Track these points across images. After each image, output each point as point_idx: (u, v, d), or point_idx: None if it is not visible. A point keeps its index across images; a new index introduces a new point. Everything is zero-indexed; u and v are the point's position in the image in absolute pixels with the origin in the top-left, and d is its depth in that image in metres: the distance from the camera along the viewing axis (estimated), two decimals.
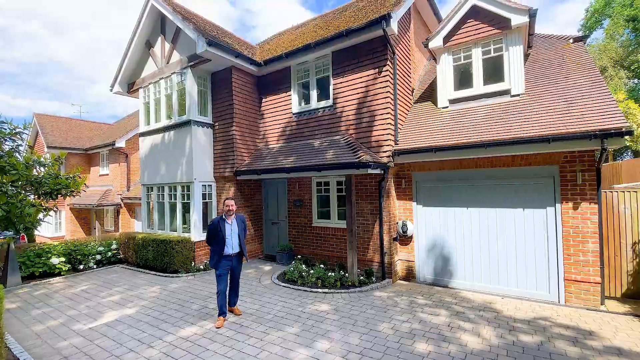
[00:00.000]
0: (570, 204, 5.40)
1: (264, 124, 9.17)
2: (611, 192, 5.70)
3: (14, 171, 5.65)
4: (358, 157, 6.21)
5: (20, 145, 6.50)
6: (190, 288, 6.73)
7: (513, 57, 6.47)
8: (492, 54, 6.76)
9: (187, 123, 8.43)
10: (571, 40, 7.30)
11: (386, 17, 6.43)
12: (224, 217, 4.94)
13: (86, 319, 5.26)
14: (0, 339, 3.11)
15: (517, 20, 6.28)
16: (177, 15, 8.20)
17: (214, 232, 4.82)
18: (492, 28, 6.64)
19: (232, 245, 4.89)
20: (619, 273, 5.60)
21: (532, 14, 6.23)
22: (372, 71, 7.10)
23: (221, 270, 4.86)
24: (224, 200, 5.03)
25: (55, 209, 6.76)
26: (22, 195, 5.77)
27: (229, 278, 5.08)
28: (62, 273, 8.17)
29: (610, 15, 21.61)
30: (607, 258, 5.64)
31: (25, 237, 15.28)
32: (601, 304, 5.20)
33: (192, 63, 8.30)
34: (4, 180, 5.70)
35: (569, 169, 5.43)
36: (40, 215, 6.43)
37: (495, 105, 6.54)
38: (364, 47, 7.22)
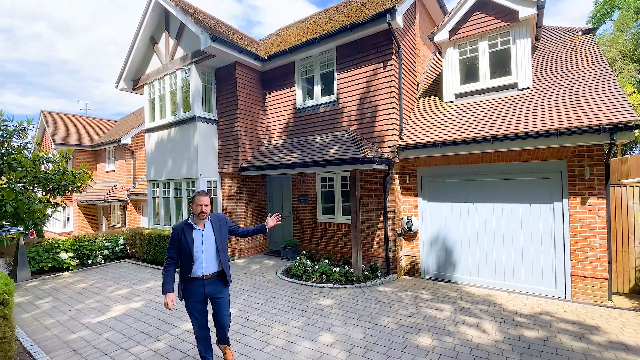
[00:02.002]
0: (578, 199, 5.34)
1: (268, 120, 9.16)
2: (620, 187, 5.62)
3: (21, 168, 5.73)
4: (363, 153, 6.19)
5: (29, 142, 6.58)
6: None
7: (520, 50, 6.36)
8: (499, 47, 6.66)
9: (192, 119, 8.46)
10: (580, 33, 7.16)
11: (391, 11, 6.35)
12: (190, 221, 3.27)
13: (94, 313, 5.35)
14: (12, 332, 3.17)
15: (525, 12, 6.17)
16: (180, 11, 8.19)
17: (175, 246, 3.22)
18: (499, 20, 6.54)
19: (203, 263, 3.20)
20: (626, 269, 5.54)
21: (540, 6, 6.11)
22: (376, 65, 7.04)
23: (191, 304, 3.26)
24: (194, 196, 3.28)
25: (63, 205, 6.86)
26: (29, 191, 5.85)
27: (210, 312, 3.46)
28: (70, 268, 8.30)
29: (620, 7, 21.17)
30: (615, 253, 5.58)
31: (34, 233, 15.53)
32: (608, 300, 5.15)
33: (196, 59, 8.30)
34: (12, 177, 5.78)
35: (577, 163, 5.36)
36: (49, 211, 6.53)
37: (502, 100, 6.46)
38: (368, 41, 7.15)
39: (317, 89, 8.14)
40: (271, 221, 3.66)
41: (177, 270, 3.26)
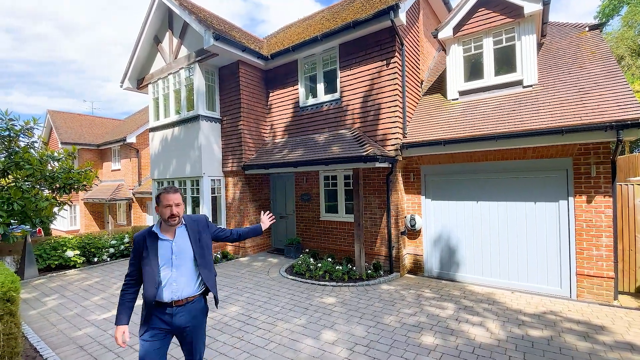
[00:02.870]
0: (584, 198, 5.28)
1: (271, 118, 9.17)
2: (627, 185, 5.54)
3: (28, 166, 5.80)
4: (365, 151, 6.17)
5: (36, 142, 6.67)
6: None
7: (526, 47, 6.29)
8: (504, 44, 6.59)
9: (196, 118, 8.49)
10: (587, 29, 7.06)
11: (394, 8, 6.32)
12: (154, 228, 2.42)
13: (100, 310, 5.41)
14: (18, 329, 3.22)
15: (530, 8, 6.09)
16: (184, 10, 8.22)
17: (137, 260, 2.39)
18: (504, 17, 6.46)
19: (173, 285, 2.34)
20: (633, 268, 5.47)
21: (545, 1, 6.02)
22: (380, 63, 7.00)
23: (146, 337, 2.34)
24: (159, 194, 2.42)
25: (69, 203, 6.94)
26: (36, 189, 5.93)
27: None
28: (77, 265, 8.40)
29: (629, 2, 20.80)
30: (621, 252, 5.50)
31: (42, 231, 15.75)
32: (614, 299, 5.09)
33: (199, 58, 8.33)
34: (19, 176, 5.86)
35: (583, 161, 5.29)
36: (55, 209, 6.62)
37: (506, 97, 6.40)
38: (371, 39, 7.12)
39: (320, 87, 8.12)
40: (267, 221, 3.06)
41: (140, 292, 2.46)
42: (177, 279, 2.35)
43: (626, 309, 4.84)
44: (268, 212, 3.06)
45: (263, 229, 2.98)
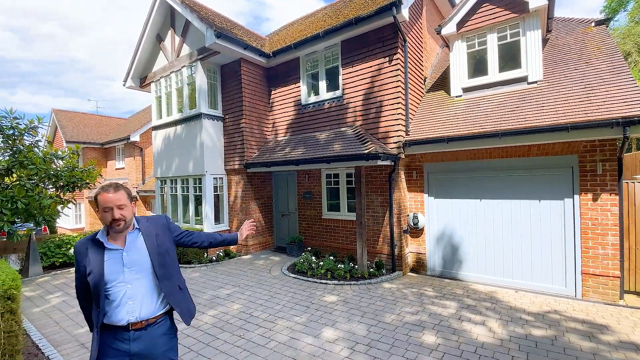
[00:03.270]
0: (590, 195, 5.20)
1: (273, 116, 9.15)
2: (633, 182, 5.45)
3: (32, 166, 5.84)
4: (367, 149, 6.12)
5: (40, 140, 6.71)
6: (202, 278, 6.85)
7: (531, 43, 6.19)
8: (509, 40, 6.49)
9: (198, 116, 8.50)
10: (593, 24, 6.94)
11: (396, 4, 6.25)
12: (99, 237, 1.95)
13: None
14: (19, 326, 3.24)
15: (536, 3, 5.99)
16: (185, 8, 8.20)
17: (80, 275, 1.97)
18: (509, 12, 6.37)
19: (128, 303, 1.90)
20: (639, 266, 5.39)
21: None
22: (382, 60, 6.94)
23: None
24: (97, 194, 1.92)
25: (73, 201, 6.99)
26: (40, 188, 5.97)
27: None
28: None
29: None
30: (628, 251, 5.42)
31: (48, 228, 15.90)
32: (620, 299, 5.02)
33: (201, 56, 8.32)
34: (23, 175, 5.90)
35: (588, 158, 5.21)
36: (59, 207, 6.66)
37: (511, 93, 6.31)
38: (373, 36, 7.05)
39: (322, 84, 8.07)
40: (245, 231, 2.60)
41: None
42: (133, 296, 1.90)
43: (632, 309, 4.77)
44: (252, 220, 2.71)
45: (239, 240, 2.54)
